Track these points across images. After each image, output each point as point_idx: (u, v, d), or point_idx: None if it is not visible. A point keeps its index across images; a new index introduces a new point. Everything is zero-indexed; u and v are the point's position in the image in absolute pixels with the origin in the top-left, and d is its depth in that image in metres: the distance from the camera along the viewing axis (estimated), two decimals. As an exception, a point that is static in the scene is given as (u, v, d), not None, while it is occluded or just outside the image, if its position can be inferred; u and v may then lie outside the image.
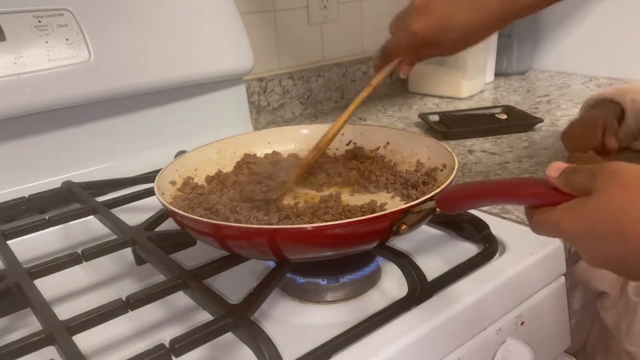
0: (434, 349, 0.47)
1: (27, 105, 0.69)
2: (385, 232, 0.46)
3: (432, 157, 0.61)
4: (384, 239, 0.48)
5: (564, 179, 0.36)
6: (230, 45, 0.87)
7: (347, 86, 1.24)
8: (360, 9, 1.24)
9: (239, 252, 0.50)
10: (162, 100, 0.83)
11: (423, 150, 0.63)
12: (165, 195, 0.56)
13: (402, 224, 0.45)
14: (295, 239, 0.45)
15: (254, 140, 0.70)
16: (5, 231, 0.60)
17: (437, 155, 0.60)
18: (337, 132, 0.63)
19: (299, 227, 0.46)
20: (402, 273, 0.51)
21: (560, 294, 0.58)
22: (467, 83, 1.21)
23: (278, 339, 0.42)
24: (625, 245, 0.32)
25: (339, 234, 0.44)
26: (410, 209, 0.45)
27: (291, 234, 0.45)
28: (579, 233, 0.35)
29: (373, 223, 0.45)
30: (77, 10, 0.73)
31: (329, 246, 0.46)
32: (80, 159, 0.77)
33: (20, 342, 0.41)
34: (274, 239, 0.45)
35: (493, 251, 0.56)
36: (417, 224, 0.46)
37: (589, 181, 0.34)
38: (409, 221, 0.45)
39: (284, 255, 0.47)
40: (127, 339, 0.48)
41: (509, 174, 0.78)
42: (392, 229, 0.45)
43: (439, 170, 0.59)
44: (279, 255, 0.47)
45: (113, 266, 0.59)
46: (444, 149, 0.58)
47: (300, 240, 0.45)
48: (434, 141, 0.62)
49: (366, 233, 0.46)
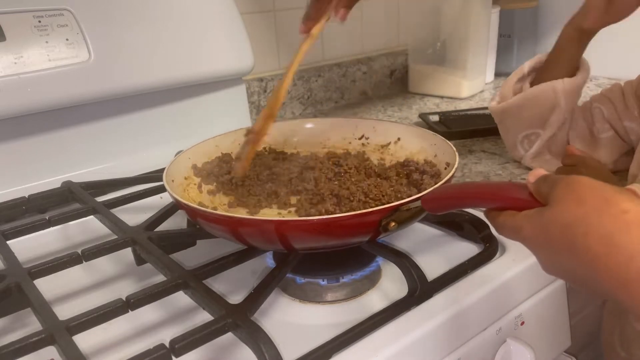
0: (434, 349, 0.47)
1: (27, 105, 0.69)
2: (374, 229, 0.47)
3: (438, 154, 0.62)
4: (373, 235, 0.49)
5: (536, 186, 0.36)
6: (231, 45, 0.87)
7: (347, 86, 1.24)
8: (360, 9, 1.24)
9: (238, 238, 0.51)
10: (162, 100, 0.83)
11: (431, 148, 0.64)
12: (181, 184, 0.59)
13: (391, 221, 0.46)
14: (285, 229, 0.46)
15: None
16: (5, 231, 0.59)
17: (443, 153, 0.61)
18: (285, 94, 0.60)
19: (289, 220, 0.48)
20: (402, 273, 0.51)
21: (560, 294, 0.58)
22: (467, 83, 1.21)
23: (278, 339, 0.42)
24: (576, 259, 0.32)
25: (326, 229, 0.46)
26: (399, 207, 0.46)
27: (281, 224, 0.46)
28: (536, 242, 0.35)
29: (361, 218, 0.46)
30: (77, 10, 0.73)
31: (323, 237, 0.47)
32: (80, 159, 0.77)
33: (20, 342, 0.41)
34: (263, 229, 0.47)
35: (493, 251, 0.56)
36: (406, 221, 0.47)
37: (550, 191, 0.34)
38: (398, 219, 0.46)
39: (272, 244, 0.49)
40: (127, 339, 0.48)
41: (509, 174, 0.78)
42: (380, 225, 0.46)
43: (443, 168, 0.59)
44: (270, 242, 0.49)
45: (113, 266, 0.59)
46: (449, 148, 0.59)
47: (290, 231, 0.46)
48: (440, 139, 0.62)
49: (354, 228, 0.47)
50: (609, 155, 0.75)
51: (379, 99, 1.25)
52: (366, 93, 1.29)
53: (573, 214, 0.32)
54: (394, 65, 1.32)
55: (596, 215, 0.31)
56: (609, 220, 0.31)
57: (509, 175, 0.78)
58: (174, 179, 0.58)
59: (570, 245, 0.32)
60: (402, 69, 1.34)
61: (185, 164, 0.63)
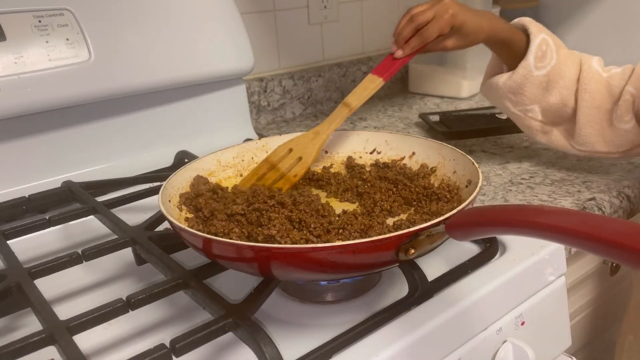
0: (434, 349, 0.47)
1: (27, 105, 0.69)
2: (391, 256, 0.43)
3: (457, 170, 0.58)
4: (389, 263, 0.45)
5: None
6: (231, 45, 0.87)
7: (347, 86, 1.24)
8: (360, 9, 1.24)
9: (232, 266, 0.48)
10: (163, 100, 0.83)
11: (449, 163, 0.59)
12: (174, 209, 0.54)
13: (409, 247, 0.42)
14: (289, 260, 0.42)
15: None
16: (6, 231, 0.59)
17: (463, 169, 0.57)
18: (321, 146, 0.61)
19: (293, 248, 0.42)
20: (402, 273, 0.51)
21: (561, 294, 0.58)
22: (467, 83, 1.21)
23: (278, 339, 0.42)
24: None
25: (336, 259, 0.42)
26: (420, 231, 0.42)
27: (286, 255, 0.42)
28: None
29: (376, 246, 0.41)
30: (77, 10, 0.73)
31: (328, 269, 0.43)
32: (80, 159, 0.77)
33: (20, 342, 0.41)
34: (260, 258, 0.42)
35: (494, 251, 0.56)
36: (427, 247, 0.43)
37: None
38: (418, 245, 0.42)
39: (273, 275, 0.45)
40: (127, 339, 0.48)
41: (509, 174, 0.78)
42: (398, 253, 0.42)
43: (464, 187, 0.55)
44: (268, 274, 0.45)
45: (113, 266, 0.59)
46: (470, 163, 0.55)
47: (294, 262, 0.42)
48: (459, 153, 0.58)
49: (369, 256, 0.42)
50: (620, 145, 0.71)
51: (379, 99, 1.25)
52: (366, 93, 1.28)
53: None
54: (394, 65, 1.32)
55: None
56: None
57: (509, 175, 0.78)
58: (171, 199, 0.55)
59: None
60: (402, 69, 1.34)
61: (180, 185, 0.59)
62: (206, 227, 0.52)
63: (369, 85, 0.66)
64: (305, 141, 0.61)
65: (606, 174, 0.76)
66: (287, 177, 0.59)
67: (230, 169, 0.65)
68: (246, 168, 0.65)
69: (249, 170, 0.65)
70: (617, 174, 0.76)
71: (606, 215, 0.58)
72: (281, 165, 0.60)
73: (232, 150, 0.65)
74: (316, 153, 0.61)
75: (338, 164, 0.67)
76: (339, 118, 0.64)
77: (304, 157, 0.60)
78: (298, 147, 0.61)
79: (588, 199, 0.69)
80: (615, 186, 0.72)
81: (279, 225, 0.48)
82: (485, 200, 0.71)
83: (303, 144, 0.61)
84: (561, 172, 0.78)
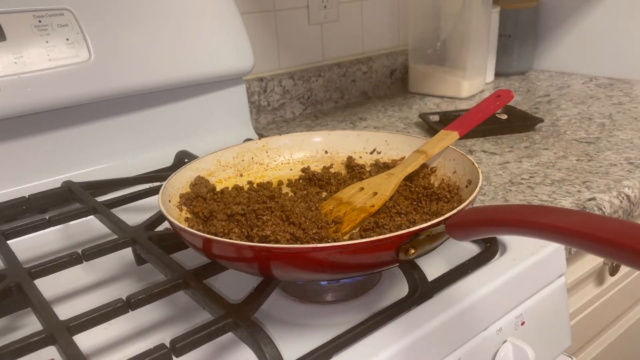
0: (434, 349, 0.47)
1: (27, 105, 0.69)
2: (391, 256, 0.43)
3: (457, 170, 0.58)
4: (389, 263, 0.45)
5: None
6: (231, 45, 0.87)
7: (347, 86, 1.24)
8: (360, 9, 1.24)
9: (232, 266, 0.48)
10: (162, 100, 0.83)
11: (449, 163, 0.60)
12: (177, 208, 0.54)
13: (409, 247, 0.42)
14: (289, 260, 0.42)
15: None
16: (6, 231, 0.60)
17: (463, 169, 0.57)
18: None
19: (293, 248, 0.42)
20: (402, 273, 0.51)
21: (561, 294, 0.58)
22: (467, 83, 1.21)
23: (278, 339, 0.42)
24: None
25: (337, 259, 0.42)
26: (420, 231, 0.42)
27: (286, 255, 0.42)
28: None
29: (376, 246, 0.41)
30: (77, 10, 0.73)
31: (328, 269, 0.43)
32: (80, 159, 0.77)
33: (20, 342, 0.41)
34: (260, 258, 0.42)
35: (494, 251, 0.56)
36: (427, 247, 0.43)
37: None
38: (418, 245, 0.42)
39: (273, 275, 0.45)
40: (127, 339, 0.48)
41: (509, 174, 0.78)
42: (398, 253, 0.42)
43: (464, 187, 0.55)
44: (268, 274, 0.45)
45: (113, 266, 0.59)
46: (470, 163, 0.55)
47: (294, 262, 0.42)
48: (459, 153, 0.58)
49: (369, 256, 0.43)
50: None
51: (379, 99, 1.25)
52: (366, 93, 1.29)
53: None
54: (394, 65, 1.32)
55: None
56: None
57: (509, 175, 0.78)
58: (171, 199, 0.55)
59: None
60: (402, 69, 1.34)
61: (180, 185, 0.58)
62: (206, 227, 0.52)
63: (445, 137, 0.64)
64: (378, 181, 0.59)
65: (606, 174, 0.76)
66: (363, 208, 0.57)
67: (230, 169, 0.65)
68: (246, 168, 0.65)
69: (249, 170, 0.65)
70: (617, 174, 0.76)
71: (606, 215, 0.58)
72: (353, 200, 0.59)
73: (232, 150, 0.65)
74: (392, 189, 0.58)
75: (338, 164, 0.67)
76: (414, 162, 0.61)
77: (380, 192, 0.58)
78: (370, 185, 0.60)
79: (588, 199, 0.69)
80: (615, 186, 0.72)
81: (273, 226, 0.49)
82: (485, 200, 0.71)
83: (376, 183, 0.59)
84: (561, 172, 0.78)
